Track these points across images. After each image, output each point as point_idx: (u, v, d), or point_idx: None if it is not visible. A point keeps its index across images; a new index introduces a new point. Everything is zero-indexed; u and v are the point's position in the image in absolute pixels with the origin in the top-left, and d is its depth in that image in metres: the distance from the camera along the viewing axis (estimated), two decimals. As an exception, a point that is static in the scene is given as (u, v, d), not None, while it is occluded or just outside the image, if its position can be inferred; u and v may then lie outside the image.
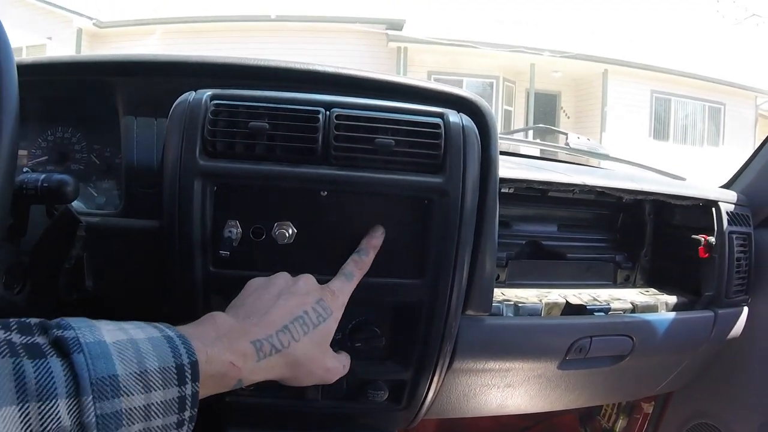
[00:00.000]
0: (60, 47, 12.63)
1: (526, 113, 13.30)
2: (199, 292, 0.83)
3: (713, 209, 1.26)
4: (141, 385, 0.48)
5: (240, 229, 0.80)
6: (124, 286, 0.98)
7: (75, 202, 0.81)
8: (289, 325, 0.65)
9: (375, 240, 0.81)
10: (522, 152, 1.85)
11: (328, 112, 0.81)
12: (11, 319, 0.46)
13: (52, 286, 0.84)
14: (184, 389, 0.51)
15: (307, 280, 0.72)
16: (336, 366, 0.72)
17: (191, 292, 0.83)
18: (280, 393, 0.93)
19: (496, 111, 12.35)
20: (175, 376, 0.51)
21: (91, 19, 13.10)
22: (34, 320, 0.48)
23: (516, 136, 2.32)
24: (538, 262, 1.25)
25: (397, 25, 12.81)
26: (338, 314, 0.72)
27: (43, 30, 12.63)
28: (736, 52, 14.45)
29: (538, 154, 1.90)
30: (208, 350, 0.56)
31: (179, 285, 0.83)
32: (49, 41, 12.73)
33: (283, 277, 0.73)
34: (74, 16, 13.00)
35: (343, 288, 0.74)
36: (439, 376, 0.95)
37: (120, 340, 0.49)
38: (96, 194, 1.06)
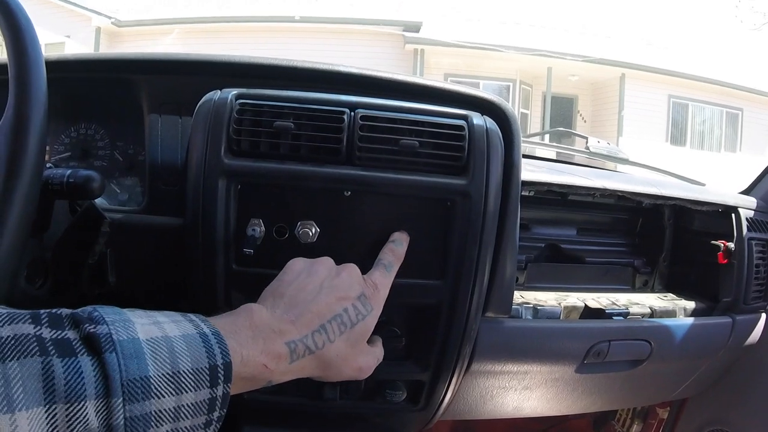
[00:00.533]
0: (78, 46, 12.75)
1: (543, 117, 13.26)
2: (220, 290, 0.83)
3: (733, 215, 1.26)
4: (173, 386, 0.47)
5: (263, 228, 0.80)
6: (146, 282, 0.99)
7: (98, 198, 0.81)
8: (326, 324, 0.63)
9: (405, 234, 0.81)
10: (539, 155, 1.84)
11: (352, 113, 0.82)
12: (42, 311, 0.45)
13: (74, 281, 0.85)
14: (215, 391, 0.50)
15: (351, 272, 0.70)
16: (369, 363, 0.70)
17: (213, 290, 0.83)
18: (298, 392, 0.94)
19: (512, 114, 12.33)
20: (208, 378, 0.50)
21: (109, 18, 13.22)
22: (65, 311, 0.46)
23: (534, 139, 2.31)
24: (557, 266, 1.24)
25: (414, 27, 12.83)
26: (378, 310, 0.70)
27: (62, 28, 12.76)
28: (754, 58, 14.34)
29: (554, 157, 1.90)
30: (243, 351, 0.55)
31: (201, 282, 0.84)
32: (67, 39, 12.84)
33: (326, 265, 0.70)
34: (93, 15, 13.13)
35: (384, 280, 0.72)
36: (458, 377, 0.95)
37: (154, 338, 0.48)
38: (119, 191, 1.07)
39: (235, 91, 0.83)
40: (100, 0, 13.17)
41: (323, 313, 0.64)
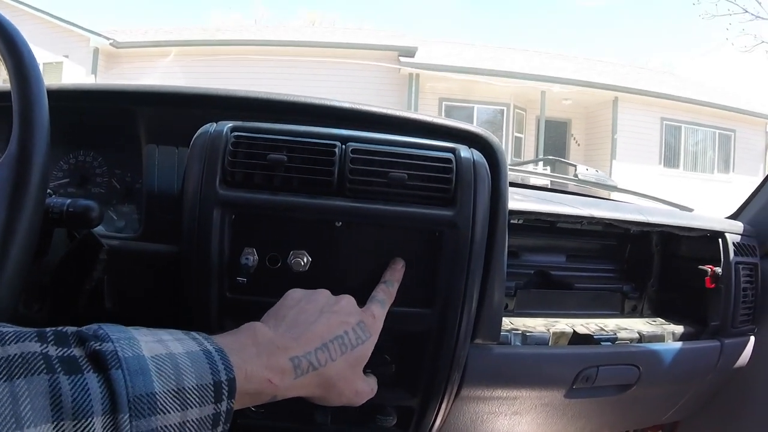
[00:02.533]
0: (76, 66, 12.80)
1: (537, 141, 13.31)
2: (214, 317, 0.85)
3: (720, 240, 1.28)
4: (178, 402, 0.47)
5: (256, 257, 0.82)
6: (142, 307, 1.00)
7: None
8: (328, 344, 0.65)
9: (398, 273, 0.83)
10: (532, 183, 1.86)
11: (344, 146, 0.84)
12: (47, 329, 0.45)
13: (72, 306, 0.86)
14: (219, 406, 0.51)
15: (349, 301, 0.73)
16: (365, 389, 0.71)
17: (207, 316, 0.85)
18: (290, 416, 0.95)
19: (506, 138, 12.39)
20: (212, 394, 0.50)
21: (108, 39, 13.28)
22: (70, 329, 0.47)
23: (526, 167, 2.34)
24: (546, 292, 1.26)
25: (409, 53, 12.91)
26: (375, 338, 0.72)
27: (60, 48, 12.83)
28: (746, 80, 14.45)
29: (547, 185, 1.92)
30: (247, 367, 0.56)
31: (195, 309, 0.85)
32: (66, 59, 12.90)
33: (324, 294, 0.73)
34: (91, 36, 13.19)
35: (381, 314, 0.75)
36: (447, 403, 0.96)
37: (158, 355, 0.48)
38: (116, 218, 1.09)
39: (230, 124, 0.85)
40: (99, 21, 13.30)
41: (324, 334, 0.66)
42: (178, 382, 0.48)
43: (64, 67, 12.85)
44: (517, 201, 1.08)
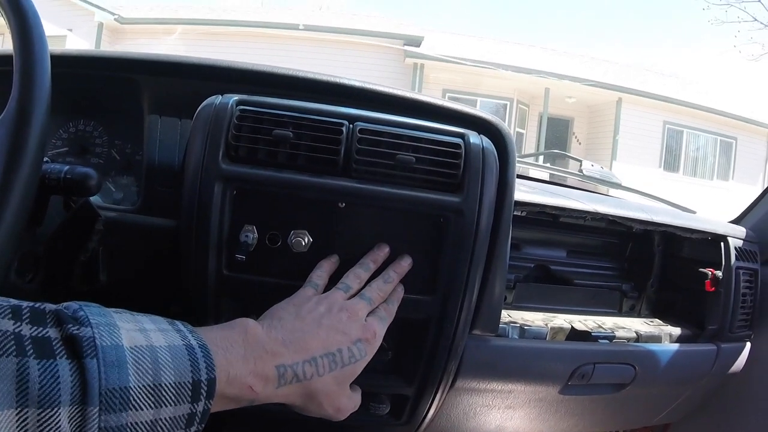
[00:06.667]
0: (80, 40, 12.73)
1: (538, 137, 13.33)
2: (210, 294, 0.83)
3: (722, 244, 1.27)
4: (152, 399, 0.46)
5: (256, 234, 0.80)
6: (137, 282, 0.98)
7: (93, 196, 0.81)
8: (318, 359, 0.64)
9: (398, 294, 0.81)
10: (532, 176, 1.85)
11: (351, 125, 0.82)
12: (24, 305, 0.43)
13: (66, 278, 0.85)
14: (196, 406, 0.49)
15: (354, 314, 0.71)
16: (347, 407, 0.70)
17: (203, 294, 0.83)
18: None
19: (507, 133, 12.42)
20: (189, 393, 0.49)
21: (113, 14, 13.21)
22: (49, 307, 0.45)
23: (528, 160, 2.33)
24: (546, 287, 1.25)
25: (415, 42, 12.90)
26: (370, 357, 0.70)
27: (64, 21, 12.73)
28: (751, 88, 14.46)
29: (547, 179, 1.91)
30: (231, 370, 0.54)
31: (192, 285, 0.83)
32: (69, 33, 12.82)
33: (330, 301, 0.71)
34: (96, 10, 13.12)
35: (381, 332, 0.73)
36: (442, 393, 0.95)
37: (138, 347, 0.47)
38: (114, 189, 1.07)
39: (236, 97, 0.83)
40: (104, -5, 13.20)
41: (317, 347, 0.64)
42: (156, 377, 0.47)
43: (68, 41, 12.75)
44: (522, 192, 1.07)
